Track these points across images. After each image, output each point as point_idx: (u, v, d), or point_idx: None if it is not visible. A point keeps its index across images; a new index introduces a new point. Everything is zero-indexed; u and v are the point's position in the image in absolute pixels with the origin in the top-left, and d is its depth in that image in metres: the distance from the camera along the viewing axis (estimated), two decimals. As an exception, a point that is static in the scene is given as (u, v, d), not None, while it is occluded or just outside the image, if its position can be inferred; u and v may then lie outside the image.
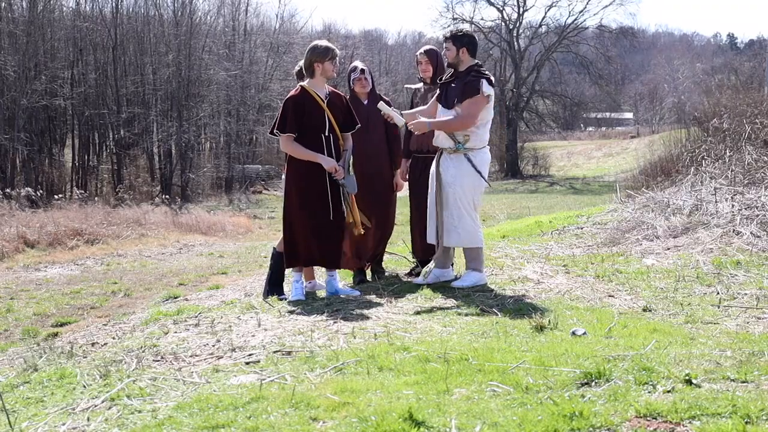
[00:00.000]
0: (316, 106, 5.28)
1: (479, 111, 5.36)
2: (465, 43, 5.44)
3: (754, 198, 7.47)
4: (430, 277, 5.69)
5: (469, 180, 5.45)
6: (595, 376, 3.08)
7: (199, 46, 36.39)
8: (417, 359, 3.53)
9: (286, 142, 5.30)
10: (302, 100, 5.29)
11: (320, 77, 5.34)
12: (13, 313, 8.28)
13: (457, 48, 5.42)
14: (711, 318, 4.31)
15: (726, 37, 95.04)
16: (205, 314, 5.09)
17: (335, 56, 5.35)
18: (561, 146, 51.62)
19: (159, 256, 13.97)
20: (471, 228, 5.47)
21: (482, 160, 5.51)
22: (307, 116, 5.25)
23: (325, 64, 5.30)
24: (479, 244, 5.53)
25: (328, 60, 5.30)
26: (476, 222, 5.55)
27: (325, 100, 5.32)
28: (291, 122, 5.24)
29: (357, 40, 56.68)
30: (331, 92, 5.42)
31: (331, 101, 5.36)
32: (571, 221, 9.72)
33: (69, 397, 3.45)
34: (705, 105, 17.01)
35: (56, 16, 33.43)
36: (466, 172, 5.44)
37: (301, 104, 5.27)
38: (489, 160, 5.67)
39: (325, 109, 5.29)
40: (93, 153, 35.27)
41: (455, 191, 5.44)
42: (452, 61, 5.48)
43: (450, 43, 5.45)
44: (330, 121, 5.31)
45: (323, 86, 5.39)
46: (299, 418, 2.85)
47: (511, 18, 47.85)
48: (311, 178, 5.28)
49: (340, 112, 5.39)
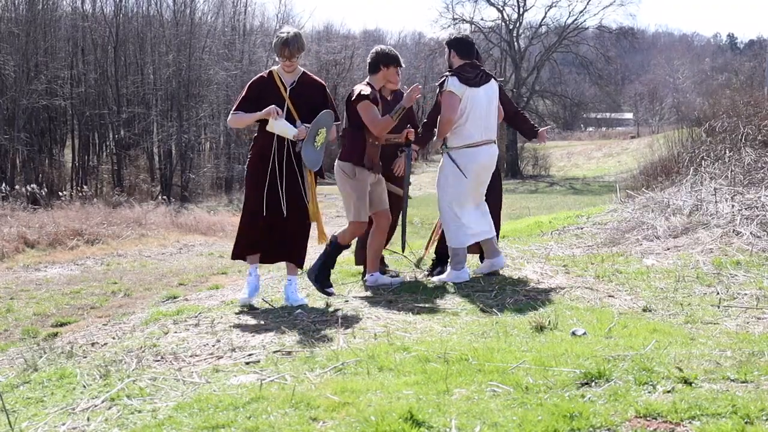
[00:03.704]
0: (276, 94, 5.09)
1: (447, 109, 5.51)
2: (452, 45, 5.75)
3: (754, 198, 7.47)
4: (445, 276, 5.76)
5: (451, 180, 5.61)
6: (595, 376, 3.08)
7: (199, 46, 36.36)
8: (417, 359, 3.53)
9: (231, 118, 5.19)
10: (262, 85, 5.13)
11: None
12: (13, 313, 8.28)
13: (448, 51, 5.77)
14: (711, 318, 4.31)
15: (726, 38, 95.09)
16: (205, 314, 5.09)
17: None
18: (561, 146, 51.60)
19: (159, 256, 13.98)
20: (453, 227, 5.66)
21: (467, 159, 5.57)
22: (264, 102, 5.01)
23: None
24: (456, 244, 5.65)
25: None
26: (460, 221, 5.62)
27: (288, 89, 5.11)
28: (241, 102, 5.12)
29: (357, 40, 56.68)
30: (301, 80, 5.17)
31: (296, 90, 5.13)
32: (571, 221, 9.72)
33: (69, 397, 3.45)
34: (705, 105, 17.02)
35: (56, 15, 33.40)
36: (447, 171, 5.65)
37: (258, 89, 5.11)
38: (481, 159, 5.62)
39: (286, 98, 5.07)
40: (93, 153, 35.23)
41: (439, 190, 5.72)
42: (448, 63, 5.78)
43: (446, 47, 5.84)
44: (289, 110, 5.07)
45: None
46: (299, 418, 2.85)
47: (511, 18, 47.91)
48: (263, 169, 5.08)
49: (307, 101, 5.13)
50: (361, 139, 5.45)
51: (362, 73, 51.01)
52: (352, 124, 5.48)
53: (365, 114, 5.39)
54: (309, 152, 5.05)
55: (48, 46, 31.77)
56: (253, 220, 5.17)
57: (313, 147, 5.07)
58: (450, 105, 5.50)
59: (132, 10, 36.81)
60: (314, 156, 5.09)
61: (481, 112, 5.57)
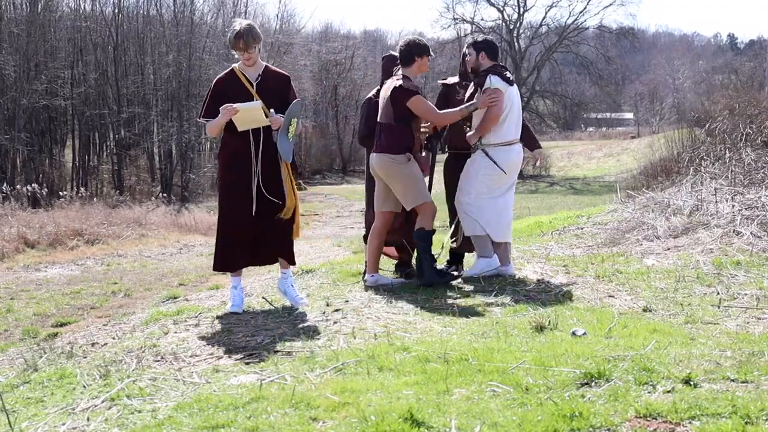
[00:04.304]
0: (243, 90, 4.91)
1: (496, 105, 5.59)
2: (483, 47, 5.80)
3: (754, 198, 7.47)
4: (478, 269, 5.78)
5: (483, 173, 5.68)
6: (595, 377, 3.08)
7: (199, 46, 36.38)
8: (417, 359, 3.52)
9: (207, 128, 5.07)
10: (226, 83, 4.95)
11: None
12: (13, 313, 8.28)
13: (476, 53, 5.79)
14: (711, 318, 4.31)
15: (726, 38, 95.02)
16: (205, 314, 5.09)
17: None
18: (561, 146, 51.58)
19: (159, 256, 13.98)
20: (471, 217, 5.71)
21: (504, 156, 5.68)
22: (232, 101, 4.80)
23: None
24: (479, 232, 5.72)
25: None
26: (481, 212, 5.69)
27: (254, 83, 4.94)
28: (208, 107, 4.95)
29: (357, 40, 56.71)
30: (265, 74, 5.01)
31: (262, 84, 4.96)
32: (571, 221, 9.71)
33: (69, 397, 3.45)
34: (705, 105, 17.03)
35: (56, 15, 33.41)
36: (480, 166, 5.70)
37: (223, 88, 4.92)
38: (514, 158, 5.76)
39: (254, 94, 4.91)
40: (93, 153, 35.27)
41: (465, 183, 5.76)
42: (473, 65, 5.82)
43: (471, 49, 5.86)
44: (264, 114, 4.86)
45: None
46: (299, 418, 2.85)
47: (512, 18, 47.95)
48: (239, 171, 4.91)
49: (277, 95, 4.97)
50: (409, 133, 5.55)
51: (362, 73, 51.14)
52: (398, 119, 5.49)
53: (422, 106, 5.49)
54: (283, 143, 4.90)
55: (48, 46, 31.80)
56: (228, 231, 4.96)
57: (287, 138, 4.92)
58: (497, 102, 5.59)
59: (132, 10, 36.87)
60: (288, 147, 4.95)
61: (517, 111, 5.75)
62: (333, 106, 50.26)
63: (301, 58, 43.94)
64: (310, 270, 7.10)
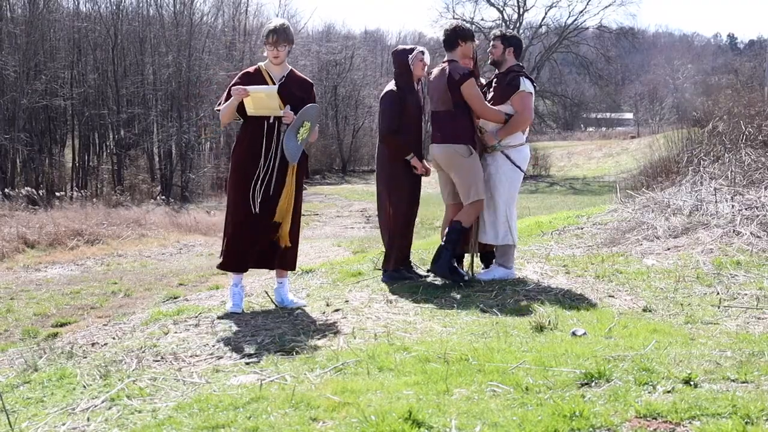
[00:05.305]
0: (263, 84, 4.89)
1: (528, 110, 5.55)
2: (513, 43, 5.65)
3: (754, 198, 7.47)
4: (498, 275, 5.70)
5: (507, 176, 5.62)
6: (595, 377, 3.08)
7: (199, 46, 36.37)
8: (417, 359, 3.53)
9: (220, 114, 4.97)
10: (248, 77, 4.93)
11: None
12: (13, 313, 8.27)
13: (504, 47, 5.63)
14: (711, 318, 4.31)
15: (726, 38, 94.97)
16: (205, 314, 5.08)
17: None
18: (561, 146, 51.56)
19: (159, 256, 13.97)
20: (508, 226, 5.64)
21: (522, 157, 5.69)
22: None
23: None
24: (509, 241, 5.67)
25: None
26: (511, 219, 5.67)
27: (278, 83, 4.91)
28: (226, 98, 4.90)
29: (357, 40, 56.70)
30: (290, 76, 5.00)
31: (286, 85, 4.93)
32: (571, 221, 9.70)
33: (69, 397, 3.45)
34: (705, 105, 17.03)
35: (56, 16, 33.40)
36: (503, 168, 5.62)
37: (244, 82, 4.88)
38: (527, 155, 5.81)
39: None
40: (93, 153, 35.24)
41: (493, 191, 5.61)
42: (497, 59, 5.67)
43: (498, 41, 5.65)
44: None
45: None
46: (299, 418, 2.85)
47: (512, 18, 47.95)
48: (253, 166, 4.85)
49: (299, 98, 4.93)
50: (471, 121, 5.47)
51: (362, 73, 51.13)
52: (459, 106, 5.39)
53: (472, 91, 5.39)
54: (290, 141, 4.77)
55: (48, 46, 31.79)
56: (239, 231, 4.90)
57: (295, 138, 4.81)
58: (530, 107, 5.57)
59: (132, 10, 36.84)
60: (294, 147, 4.80)
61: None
62: (333, 107, 50.23)
63: (301, 58, 43.89)
64: (310, 270, 7.10)
